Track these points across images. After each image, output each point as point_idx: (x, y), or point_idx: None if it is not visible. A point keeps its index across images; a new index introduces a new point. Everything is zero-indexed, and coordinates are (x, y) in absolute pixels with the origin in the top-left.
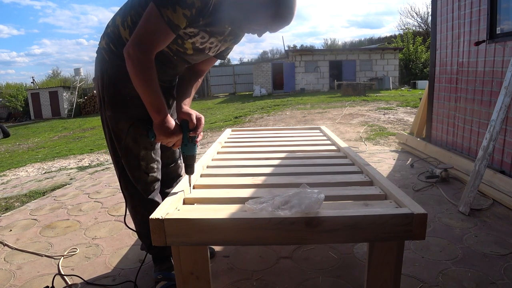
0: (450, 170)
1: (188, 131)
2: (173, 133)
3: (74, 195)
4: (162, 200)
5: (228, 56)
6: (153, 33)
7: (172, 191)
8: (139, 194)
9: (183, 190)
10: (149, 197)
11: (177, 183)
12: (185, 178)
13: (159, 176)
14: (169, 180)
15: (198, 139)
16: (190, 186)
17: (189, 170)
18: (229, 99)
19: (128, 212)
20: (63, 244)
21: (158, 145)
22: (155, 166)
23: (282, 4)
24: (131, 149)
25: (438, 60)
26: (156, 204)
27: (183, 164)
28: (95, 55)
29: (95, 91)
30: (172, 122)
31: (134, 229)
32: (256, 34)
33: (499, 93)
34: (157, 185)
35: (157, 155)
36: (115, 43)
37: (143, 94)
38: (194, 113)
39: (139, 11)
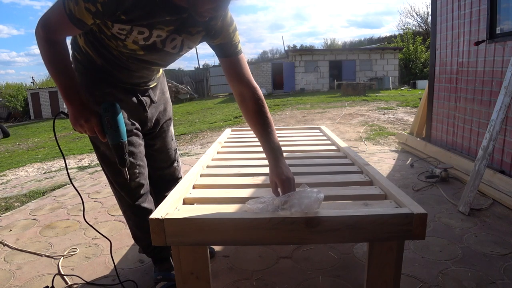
0: (450, 170)
1: (104, 117)
2: (81, 119)
3: (74, 195)
4: (159, 203)
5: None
6: (56, 22)
7: (171, 192)
8: (126, 201)
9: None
10: (136, 203)
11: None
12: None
13: (144, 181)
14: (166, 183)
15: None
16: (127, 178)
17: (122, 163)
18: (229, 99)
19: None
20: (63, 244)
21: (140, 149)
22: (137, 171)
23: None
24: (108, 156)
25: (438, 60)
26: (144, 210)
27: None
28: None
29: None
30: (86, 107)
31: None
32: (221, 9)
33: (499, 93)
34: (144, 190)
35: (138, 159)
36: (78, 51)
37: (50, 73)
38: (285, 176)
39: None
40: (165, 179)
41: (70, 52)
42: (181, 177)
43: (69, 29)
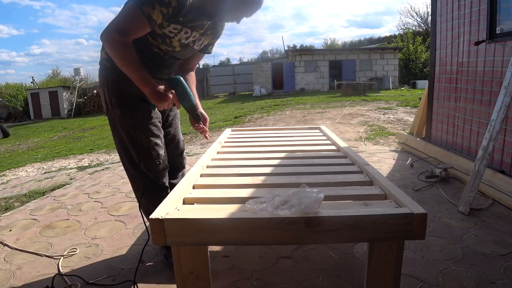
0: (450, 170)
1: (178, 88)
2: (166, 94)
3: (74, 195)
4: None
5: (228, 56)
6: (132, 24)
7: (179, 182)
8: (151, 183)
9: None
10: (160, 183)
11: (182, 175)
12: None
13: (167, 164)
14: (176, 171)
15: (207, 135)
16: (207, 131)
17: (197, 118)
18: (229, 99)
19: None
20: (63, 244)
21: (162, 134)
22: (164, 154)
23: None
24: (141, 141)
25: (438, 60)
26: (166, 189)
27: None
28: (95, 54)
29: (101, 97)
30: (160, 86)
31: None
32: (235, 22)
33: (499, 92)
34: (166, 172)
35: (163, 145)
36: None
37: (128, 71)
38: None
39: None
40: (175, 167)
41: (103, 53)
42: (185, 167)
43: (143, 30)
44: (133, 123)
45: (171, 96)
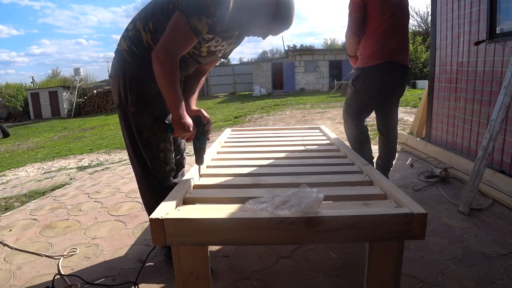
0: (450, 170)
1: (200, 126)
2: (189, 128)
3: (74, 195)
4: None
5: (228, 56)
6: (180, 40)
7: (182, 179)
8: (158, 182)
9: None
10: (167, 184)
11: (182, 174)
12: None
13: (173, 166)
14: (176, 171)
15: (209, 134)
16: (199, 174)
17: (199, 161)
18: (229, 99)
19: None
20: (63, 244)
21: (172, 137)
22: (172, 157)
23: (284, 12)
24: (151, 142)
25: (438, 59)
26: (171, 189)
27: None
28: (95, 54)
29: (110, 88)
30: (189, 118)
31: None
32: (261, 37)
33: (499, 92)
34: (172, 174)
35: (172, 147)
36: (137, 45)
37: (166, 92)
38: (203, 110)
39: (161, 18)
40: (176, 167)
41: (124, 45)
42: (184, 167)
43: (191, 43)
44: (147, 123)
45: (191, 131)
